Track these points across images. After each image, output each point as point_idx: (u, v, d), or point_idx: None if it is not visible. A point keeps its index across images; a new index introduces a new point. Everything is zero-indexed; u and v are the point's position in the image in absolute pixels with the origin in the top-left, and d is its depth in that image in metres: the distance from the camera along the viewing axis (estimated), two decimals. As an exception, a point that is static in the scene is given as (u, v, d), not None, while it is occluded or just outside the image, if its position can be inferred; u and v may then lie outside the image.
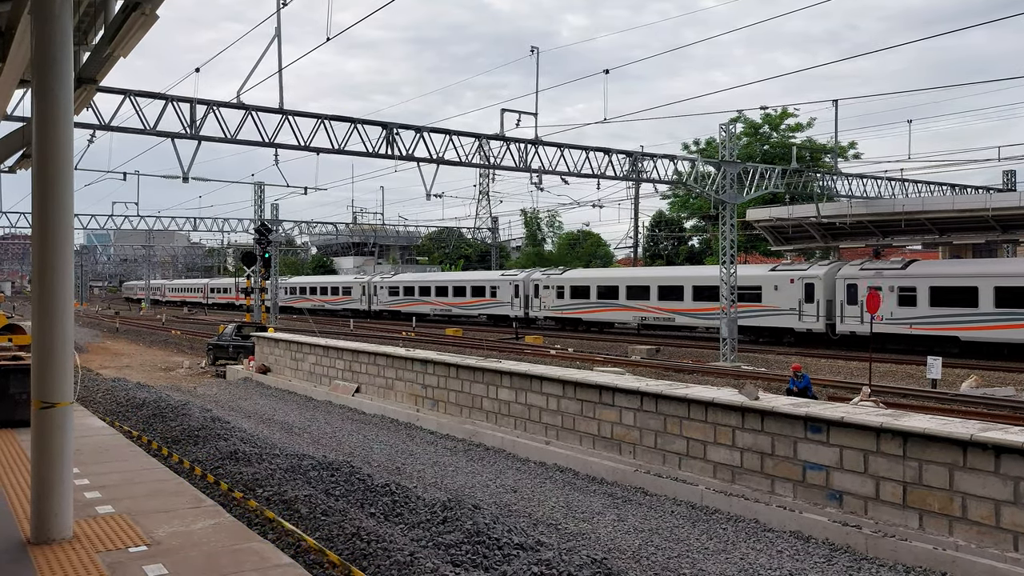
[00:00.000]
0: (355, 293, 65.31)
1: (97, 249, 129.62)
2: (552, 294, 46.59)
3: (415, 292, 59.00)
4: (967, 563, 8.62)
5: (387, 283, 62.32)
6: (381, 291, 62.28)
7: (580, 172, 28.08)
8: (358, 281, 65.94)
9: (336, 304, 67.89)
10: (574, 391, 14.09)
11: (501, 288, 51.19)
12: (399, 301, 60.63)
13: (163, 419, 16.41)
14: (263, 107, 23.19)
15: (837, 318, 33.53)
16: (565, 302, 45.73)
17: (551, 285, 46.79)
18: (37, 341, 6.70)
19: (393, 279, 62.84)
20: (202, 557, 6.43)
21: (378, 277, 64.76)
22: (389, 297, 61.54)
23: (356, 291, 65.18)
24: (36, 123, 6.71)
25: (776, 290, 35.58)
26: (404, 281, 61.53)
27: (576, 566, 7.81)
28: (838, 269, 34.31)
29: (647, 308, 41.13)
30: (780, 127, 57.43)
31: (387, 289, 61.80)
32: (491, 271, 60.62)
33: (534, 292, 48.26)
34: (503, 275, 52.60)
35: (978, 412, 17.83)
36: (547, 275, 48.09)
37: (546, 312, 47.33)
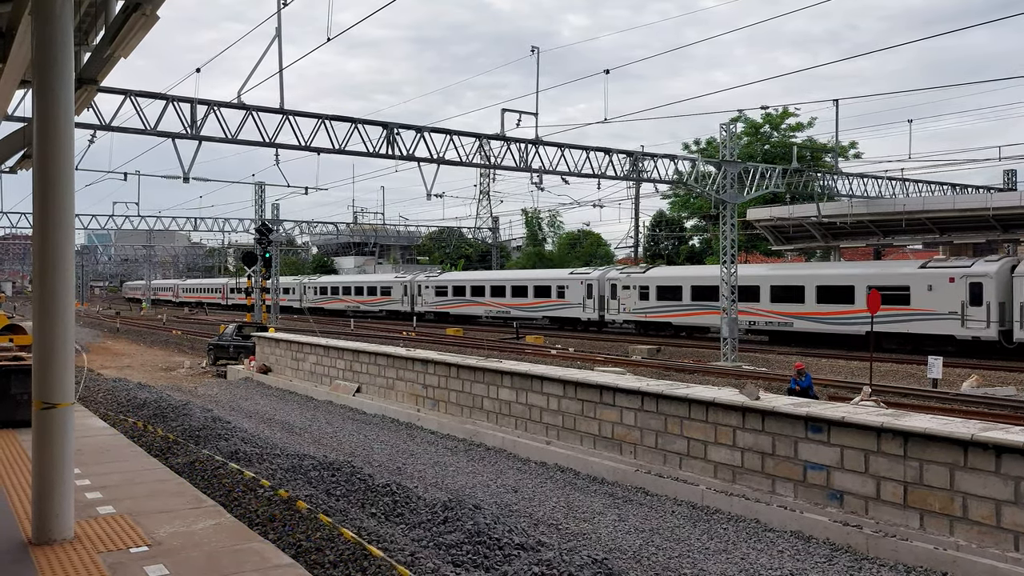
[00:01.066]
0: (395, 293, 60.45)
1: (98, 249, 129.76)
2: (634, 295, 41.43)
3: (466, 292, 53.86)
4: (968, 563, 8.62)
5: (433, 283, 57.21)
6: (426, 291, 57.41)
7: (581, 172, 28.08)
8: (399, 281, 61.01)
9: (373, 305, 63.39)
10: (575, 391, 14.09)
11: (570, 287, 45.86)
12: (447, 302, 55.55)
13: (164, 419, 16.42)
14: (264, 107, 23.20)
15: (1016, 323, 28.60)
16: (650, 304, 40.54)
17: (633, 285, 41.61)
18: (38, 341, 6.70)
19: (441, 278, 57.78)
20: (203, 557, 6.43)
21: (422, 276, 59.87)
22: (436, 298, 56.45)
23: (397, 291, 60.28)
24: (37, 123, 6.71)
25: (930, 291, 30.56)
26: (454, 280, 56.66)
27: (577, 566, 7.81)
28: (1012, 266, 29.42)
29: (757, 311, 35.97)
30: (781, 127, 57.43)
31: (433, 289, 56.76)
32: (558, 269, 54.43)
33: (611, 292, 42.98)
34: (572, 273, 47.45)
35: (979, 412, 17.83)
36: (627, 273, 43.06)
37: (627, 315, 42.12)
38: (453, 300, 55.10)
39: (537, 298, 48.43)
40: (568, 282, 46.20)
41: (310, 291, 71.24)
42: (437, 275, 58.99)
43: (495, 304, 51.75)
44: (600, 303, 44.20)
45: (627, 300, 42.13)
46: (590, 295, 44.97)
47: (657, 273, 42.13)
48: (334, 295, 68.71)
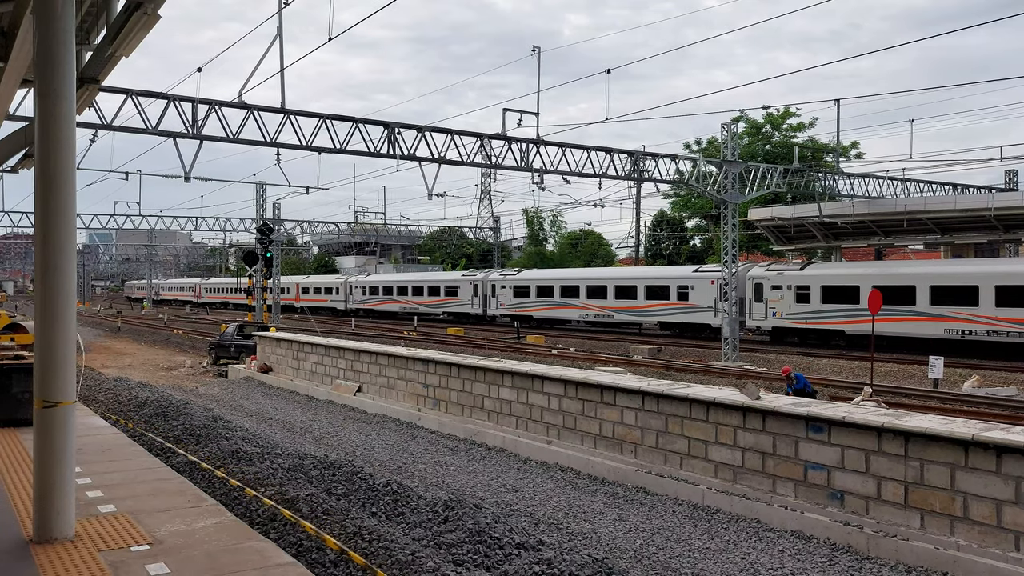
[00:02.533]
0: (464, 293, 53.72)
1: (99, 248, 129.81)
2: (788, 296, 34.56)
3: (553, 293, 46.51)
4: (968, 563, 8.62)
5: (511, 282, 49.90)
6: (502, 291, 50.29)
7: (582, 172, 28.09)
8: (468, 279, 54.26)
9: (435, 307, 56.86)
10: (576, 391, 14.10)
11: (696, 288, 38.63)
12: (530, 304, 48.20)
13: (165, 418, 16.44)
14: (265, 107, 23.21)
15: None
16: (813, 307, 33.69)
17: (787, 284, 34.85)
18: (40, 340, 6.71)
19: (521, 277, 50.24)
20: (204, 556, 6.43)
21: (497, 274, 52.43)
22: (515, 299, 49.23)
23: (465, 291, 53.64)
24: (38, 123, 6.72)
25: None
26: (539, 279, 48.73)
27: (577, 565, 7.82)
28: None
29: (978, 317, 28.91)
30: (782, 127, 57.41)
31: (511, 289, 49.65)
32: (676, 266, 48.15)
33: (755, 292, 36.19)
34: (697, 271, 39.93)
35: (980, 412, 17.81)
36: (777, 271, 35.73)
37: (779, 320, 35.35)
38: (537, 302, 47.76)
39: (650, 300, 41.02)
40: (693, 281, 39.10)
41: (357, 291, 64.80)
42: (516, 273, 51.59)
43: (592, 307, 44.09)
44: (742, 306, 36.11)
45: (779, 302, 35.09)
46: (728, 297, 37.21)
47: (819, 271, 34.88)
48: (387, 295, 61.68)
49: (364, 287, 64.40)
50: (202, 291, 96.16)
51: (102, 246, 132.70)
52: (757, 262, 42.04)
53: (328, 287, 69.20)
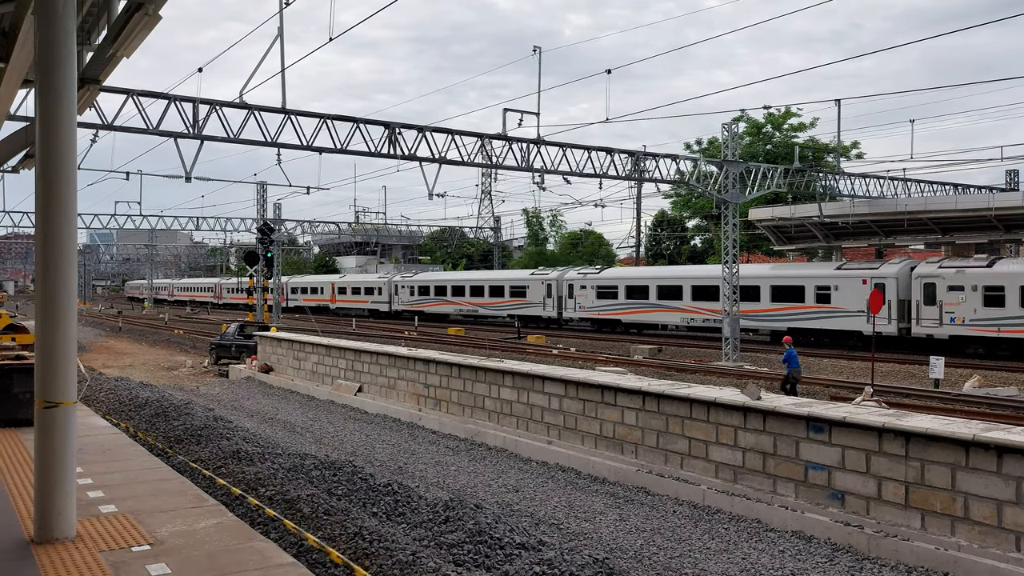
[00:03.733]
0: (533, 294, 48.20)
1: (100, 248, 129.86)
2: (974, 298, 29.52)
3: (648, 294, 40.80)
4: (969, 563, 8.62)
5: (593, 281, 44.24)
6: (582, 292, 44.53)
7: (582, 172, 28.09)
8: (539, 278, 48.44)
9: (498, 308, 51.45)
10: (576, 391, 14.10)
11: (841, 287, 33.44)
12: (618, 306, 42.51)
13: (166, 418, 16.45)
14: (266, 107, 23.22)
15: None
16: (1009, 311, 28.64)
17: (972, 284, 29.41)
18: (41, 340, 6.72)
19: (606, 275, 44.53)
20: (204, 556, 6.44)
21: (575, 272, 46.79)
22: (598, 301, 43.49)
23: (535, 291, 48.07)
24: (39, 123, 6.72)
25: None
26: (628, 278, 43.02)
27: (578, 566, 7.82)
28: None
29: None
30: (783, 126, 57.39)
31: (593, 289, 43.88)
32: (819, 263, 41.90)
33: (925, 296, 30.56)
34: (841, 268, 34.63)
35: (981, 412, 17.81)
36: (957, 269, 30.43)
37: (954, 328, 29.92)
38: (627, 304, 41.98)
39: (777, 302, 35.36)
40: (838, 280, 33.44)
41: (404, 291, 59.66)
42: (598, 271, 45.73)
43: (698, 309, 38.61)
44: (905, 310, 31.25)
45: (960, 305, 29.67)
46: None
47: (1016, 268, 29.24)
48: (439, 296, 56.22)
49: (412, 287, 59.21)
50: (223, 291, 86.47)
51: (103, 246, 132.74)
52: (922, 258, 36.28)
53: (369, 287, 64.16)
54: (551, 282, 47.13)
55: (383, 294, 62.27)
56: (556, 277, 47.13)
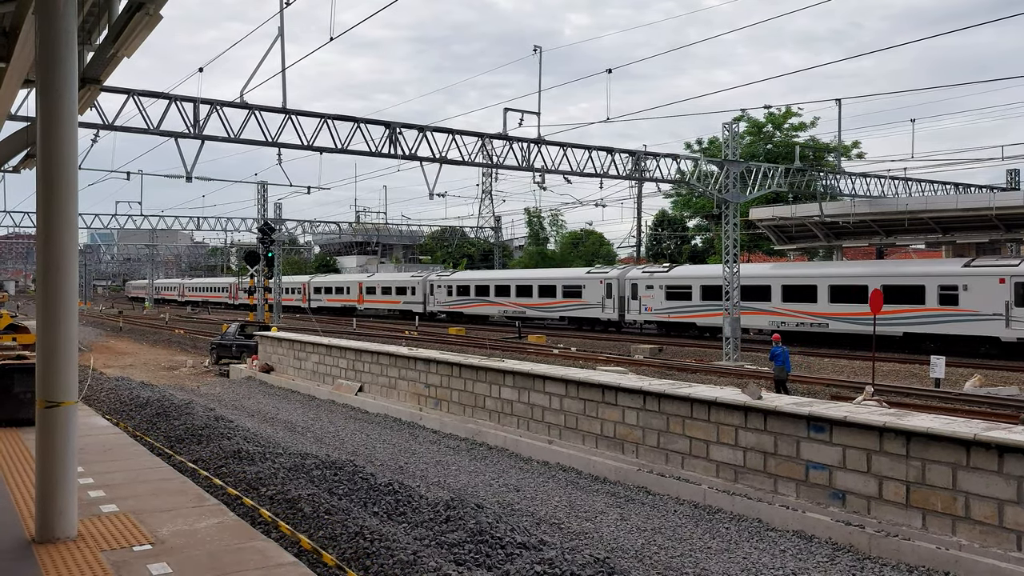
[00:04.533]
0: (589, 295, 43.58)
1: (100, 248, 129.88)
2: None
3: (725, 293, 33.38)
4: (970, 563, 8.62)
5: (664, 280, 39.85)
6: (648, 291, 40.08)
7: (583, 171, 28.08)
8: (595, 277, 43.66)
9: (548, 310, 46.90)
10: (577, 390, 14.10)
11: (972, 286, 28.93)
12: (695, 308, 38.06)
13: (167, 418, 16.45)
14: (266, 107, 23.21)
15: None
16: None
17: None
18: (41, 340, 6.72)
19: (676, 274, 40.18)
20: (206, 556, 6.44)
21: (636, 270, 42.56)
22: (667, 302, 39.32)
23: (592, 291, 43.41)
24: (40, 123, 6.73)
25: None
26: (705, 277, 38.36)
27: (579, 565, 7.82)
28: None
29: None
30: (783, 126, 57.36)
31: (662, 289, 39.60)
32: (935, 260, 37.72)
33: None
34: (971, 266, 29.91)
35: (982, 412, 17.80)
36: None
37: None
38: (704, 306, 37.50)
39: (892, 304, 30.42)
40: (967, 279, 29.27)
41: (440, 291, 56.01)
42: (667, 270, 41.09)
43: (792, 312, 34.01)
44: None
45: None
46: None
47: None
48: (481, 296, 51.89)
49: (450, 286, 55.10)
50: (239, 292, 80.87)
51: (104, 246, 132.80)
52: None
53: (401, 287, 60.19)
54: (611, 281, 42.74)
55: (417, 294, 58.28)
56: (617, 275, 42.77)
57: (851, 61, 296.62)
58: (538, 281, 48.12)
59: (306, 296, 70.88)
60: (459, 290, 54.33)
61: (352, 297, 64.51)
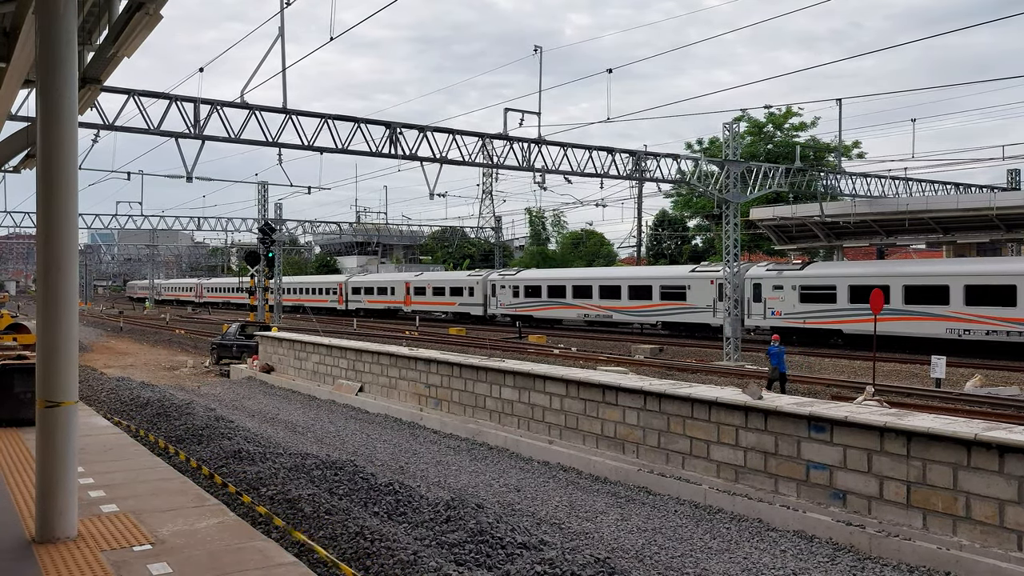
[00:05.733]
0: (695, 296, 38.07)
1: (101, 248, 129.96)
2: None
3: (891, 296, 30.44)
4: (971, 563, 8.61)
5: (794, 280, 34.27)
6: (778, 292, 34.71)
7: (583, 171, 28.08)
8: (703, 276, 38.19)
9: (642, 314, 40.92)
10: (577, 390, 14.09)
11: None
12: (835, 313, 32.67)
13: (167, 418, 16.45)
14: (267, 107, 23.21)
15: None
16: None
17: None
18: (42, 340, 6.72)
19: (811, 273, 34.25)
20: (206, 556, 6.44)
21: (759, 268, 36.77)
22: (803, 305, 33.69)
23: (699, 292, 37.96)
24: (40, 123, 6.73)
25: None
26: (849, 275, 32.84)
27: (579, 565, 7.81)
28: None
29: None
30: (784, 126, 57.34)
31: (795, 289, 34.06)
32: None
33: None
34: None
35: (982, 412, 17.79)
36: None
37: None
38: (851, 310, 32.05)
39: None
40: None
41: (505, 292, 49.90)
42: (800, 267, 35.51)
43: (976, 317, 28.79)
44: None
45: None
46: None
47: None
48: (555, 297, 45.92)
49: (516, 287, 49.20)
50: None
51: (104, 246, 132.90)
52: None
53: (457, 287, 54.88)
54: (723, 280, 35.82)
55: (476, 295, 52.61)
56: (724, 275, 35.50)
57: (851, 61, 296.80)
58: (629, 281, 42.30)
59: (343, 297, 66.23)
60: (528, 291, 48.38)
61: (397, 298, 59.98)
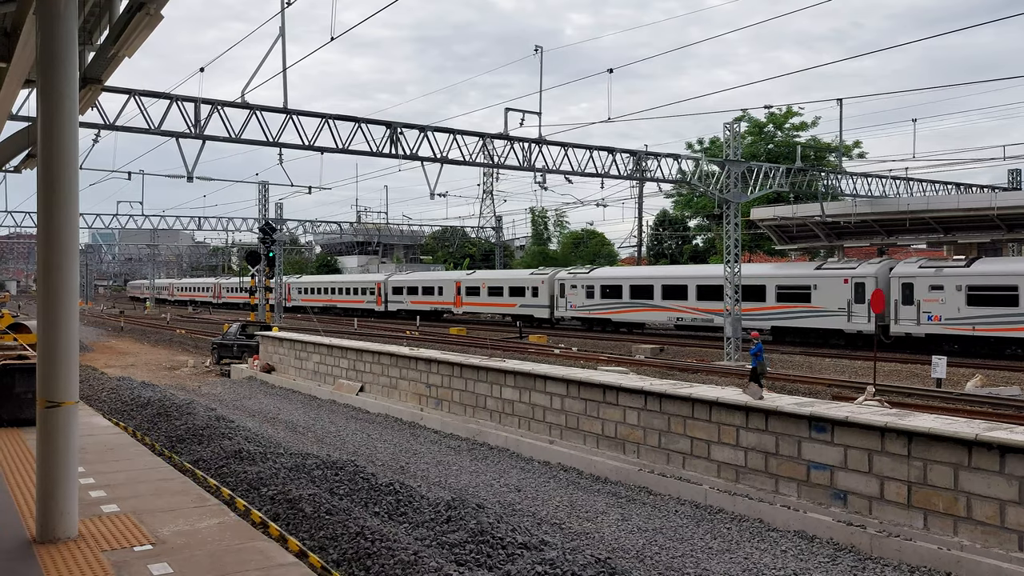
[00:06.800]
0: (825, 297, 32.64)
1: (102, 248, 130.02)
2: None
3: None
4: (971, 563, 8.60)
5: (969, 277, 29.29)
6: (936, 293, 29.79)
7: (584, 171, 28.07)
8: (833, 275, 32.91)
9: (754, 317, 34.39)
10: (578, 390, 14.09)
11: None
12: (1011, 318, 28.07)
13: (168, 418, 16.45)
14: (267, 107, 23.21)
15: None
16: None
17: None
18: (42, 340, 6.72)
19: (979, 271, 29.38)
20: (207, 556, 6.44)
21: (911, 265, 31.49)
22: (972, 308, 28.94)
23: (831, 293, 32.49)
24: (41, 123, 6.73)
25: None
26: None
27: (580, 565, 7.81)
28: None
29: None
30: (784, 126, 57.33)
31: (963, 291, 29.13)
32: None
33: None
34: None
35: (983, 412, 17.78)
36: None
37: None
38: None
39: None
40: None
41: (578, 291, 44.13)
42: (966, 264, 30.34)
43: None
44: None
45: None
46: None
47: None
48: (639, 298, 40.14)
49: (590, 286, 43.50)
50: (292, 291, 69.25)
51: (105, 246, 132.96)
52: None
53: (517, 286, 49.03)
54: (864, 279, 31.68)
55: (540, 296, 47.12)
56: (875, 272, 31.57)
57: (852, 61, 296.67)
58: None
59: (381, 298, 60.82)
60: (605, 291, 42.68)
61: (446, 299, 54.68)
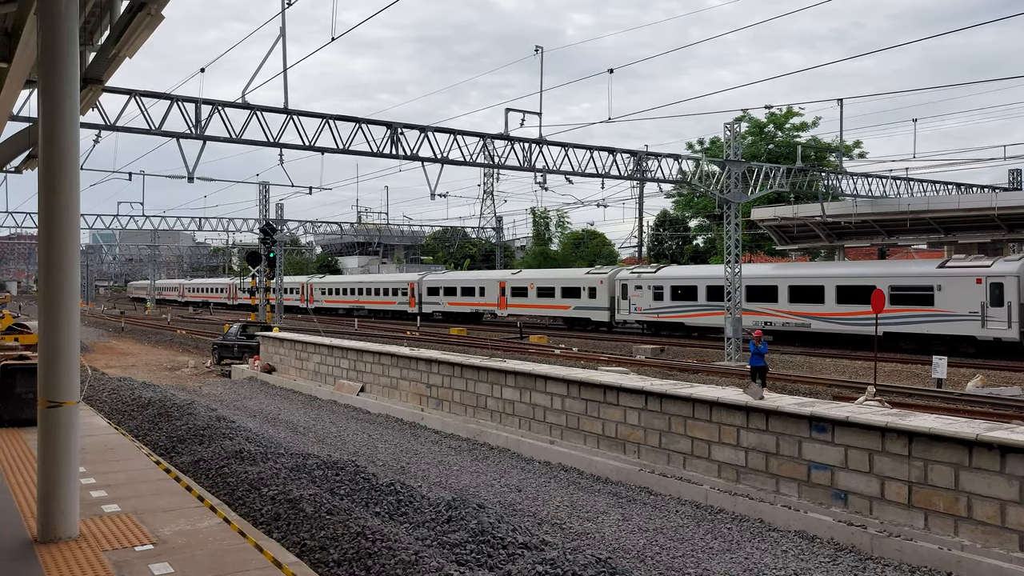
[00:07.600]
0: (951, 299, 28.97)
1: (102, 249, 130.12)
2: None
3: None
4: (972, 563, 8.60)
5: None
6: None
7: (584, 171, 28.07)
8: (967, 273, 29.05)
9: (854, 321, 31.69)
10: (579, 390, 14.09)
11: None
12: None
13: (168, 418, 16.44)
14: (268, 107, 23.21)
15: None
16: None
17: None
18: (43, 340, 6.73)
19: None
20: (208, 556, 6.45)
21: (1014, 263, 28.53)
22: None
23: (958, 293, 28.85)
24: (42, 123, 6.73)
25: None
26: None
27: (580, 565, 7.81)
28: None
29: None
30: (785, 126, 57.33)
31: None
32: None
33: None
34: None
35: (984, 412, 17.78)
36: None
37: None
38: None
39: None
40: None
41: (643, 292, 40.24)
42: None
43: None
44: None
45: None
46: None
47: None
48: (718, 300, 35.01)
49: (659, 286, 39.68)
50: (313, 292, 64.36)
51: (105, 246, 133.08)
52: None
53: (572, 287, 45.11)
54: (1002, 279, 27.80)
55: (599, 297, 43.16)
56: (1017, 269, 28.01)
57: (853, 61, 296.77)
58: (836, 280, 32.87)
59: (415, 299, 57.67)
60: (676, 292, 38.82)
61: (488, 300, 51.44)
